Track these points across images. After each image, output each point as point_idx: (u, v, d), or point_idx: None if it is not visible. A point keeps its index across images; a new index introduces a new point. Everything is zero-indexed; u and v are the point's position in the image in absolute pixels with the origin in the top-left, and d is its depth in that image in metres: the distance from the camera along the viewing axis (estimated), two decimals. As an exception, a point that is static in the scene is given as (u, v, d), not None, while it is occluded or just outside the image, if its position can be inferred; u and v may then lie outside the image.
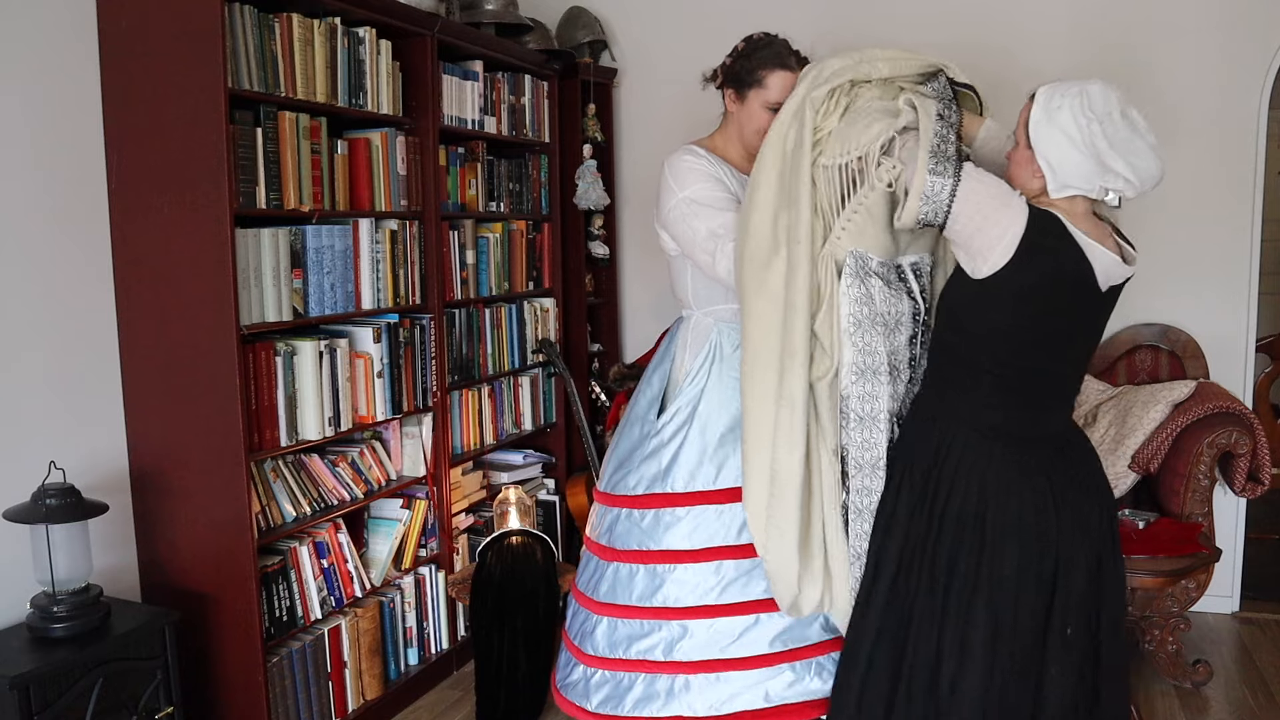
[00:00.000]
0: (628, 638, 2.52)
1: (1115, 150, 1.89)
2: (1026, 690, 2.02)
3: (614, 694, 2.53)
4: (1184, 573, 2.70)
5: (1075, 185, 1.95)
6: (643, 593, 2.52)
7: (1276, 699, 3.22)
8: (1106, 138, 1.90)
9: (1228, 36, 3.73)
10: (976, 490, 2.02)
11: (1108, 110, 1.91)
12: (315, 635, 2.91)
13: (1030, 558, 2.00)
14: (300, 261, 2.80)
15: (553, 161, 4.04)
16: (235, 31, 2.57)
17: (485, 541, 3.25)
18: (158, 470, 2.72)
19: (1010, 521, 1.99)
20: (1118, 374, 3.91)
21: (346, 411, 2.95)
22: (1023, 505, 2.00)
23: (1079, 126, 1.91)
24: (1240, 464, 3.28)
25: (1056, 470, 2.04)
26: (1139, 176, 1.92)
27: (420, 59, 3.23)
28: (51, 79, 2.54)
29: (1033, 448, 2.04)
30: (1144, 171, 1.92)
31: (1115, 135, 1.90)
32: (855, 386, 2.24)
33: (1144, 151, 1.91)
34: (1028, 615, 2.01)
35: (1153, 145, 1.94)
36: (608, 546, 2.63)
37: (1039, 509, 2.00)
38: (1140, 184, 1.93)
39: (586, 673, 2.58)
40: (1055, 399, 2.08)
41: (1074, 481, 2.05)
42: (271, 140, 2.68)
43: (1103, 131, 1.90)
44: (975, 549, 2.01)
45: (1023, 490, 2.00)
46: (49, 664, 2.21)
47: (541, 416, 4.04)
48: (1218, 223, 3.81)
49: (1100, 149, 1.90)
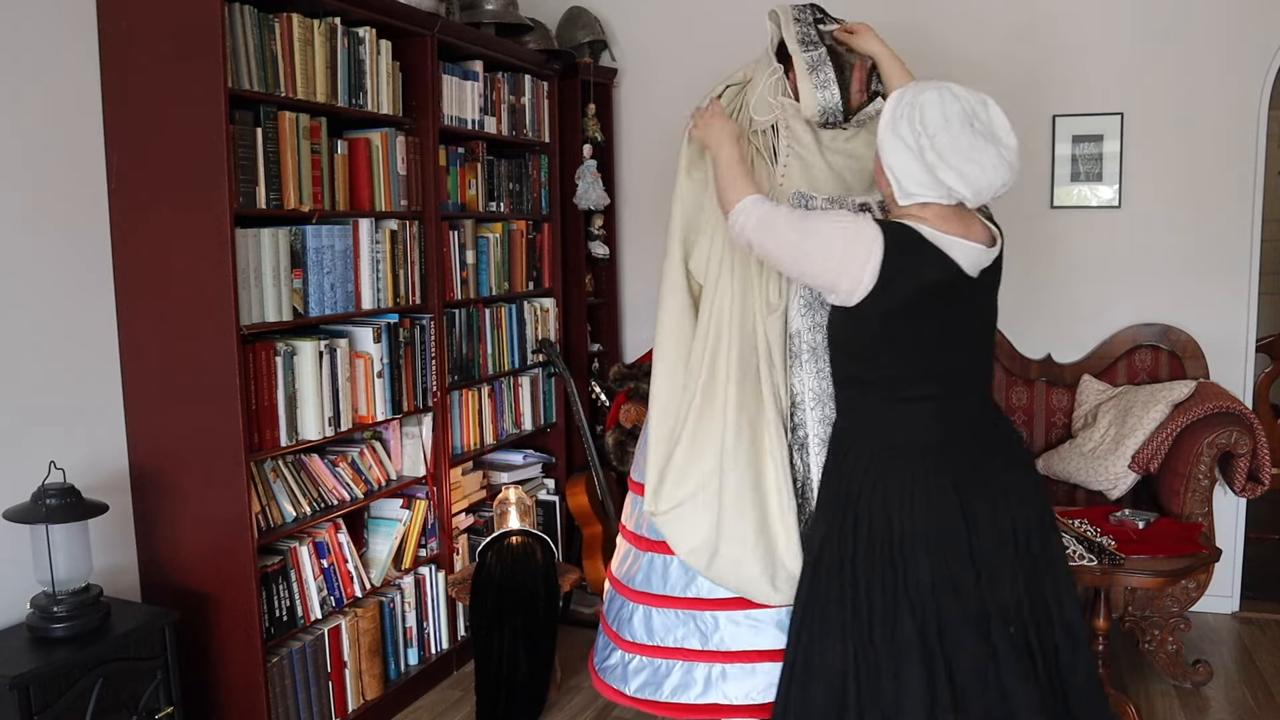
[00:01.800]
0: (664, 626, 2.52)
1: (945, 163, 1.87)
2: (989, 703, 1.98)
3: (652, 679, 2.53)
4: (1184, 573, 2.70)
5: (918, 194, 1.93)
6: (676, 583, 2.54)
7: (1276, 699, 3.22)
8: (936, 150, 1.87)
9: (1228, 36, 3.73)
10: (880, 504, 2.01)
11: (943, 121, 1.87)
12: (315, 635, 2.91)
13: (945, 566, 1.97)
14: (300, 261, 2.80)
15: (553, 161, 4.04)
16: (235, 31, 2.57)
17: (485, 541, 3.25)
18: (158, 470, 2.72)
19: (918, 531, 1.97)
20: (1118, 374, 3.91)
21: (346, 411, 2.95)
22: (928, 515, 1.98)
23: (915, 136, 1.89)
24: (1240, 464, 3.28)
25: (964, 475, 2.01)
26: (972, 188, 1.89)
27: (420, 59, 3.23)
28: (51, 79, 2.54)
29: (937, 455, 2.01)
30: (979, 182, 1.88)
31: (950, 147, 1.87)
32: (804, 319, 2.27)
33: (988, 160, 1.87)
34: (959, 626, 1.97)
35: (1004, 154, 1.89)
36: (643, 537, 2.63)
37: (945, 519, 1.98)
38: (975, 195, 1.90)
39: (624, 658, 2.58)
40: (955, 396, 2.05)
41: (986, 485, 2.02)
42: (271, 140, 2.68)
43: (932, 144, 1.88)
44: (889, 563, 2.00)
45: (928, 495, 1.98)
46: (49, 664, 2.21)
47: (541, 416, 4.04)
48: (1218, 223, 3.81)
49: (931, 162, 1.88)
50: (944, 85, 1.93)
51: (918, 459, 2.01)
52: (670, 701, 2.50)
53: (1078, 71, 3.89)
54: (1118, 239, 3.93)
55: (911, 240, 1.93)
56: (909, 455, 2.02)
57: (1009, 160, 1.91)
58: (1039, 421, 3.95)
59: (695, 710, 2.50)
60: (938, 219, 1.96)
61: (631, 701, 2.55)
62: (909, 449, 2.02)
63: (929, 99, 1.90)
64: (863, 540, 2.02)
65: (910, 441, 2.03)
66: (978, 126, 1.89)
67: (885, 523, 2.00)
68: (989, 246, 2.00)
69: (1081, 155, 3.93)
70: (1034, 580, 2.05)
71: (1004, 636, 1.99)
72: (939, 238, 1.93)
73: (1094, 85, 3.88)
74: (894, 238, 1.92)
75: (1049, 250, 4.00)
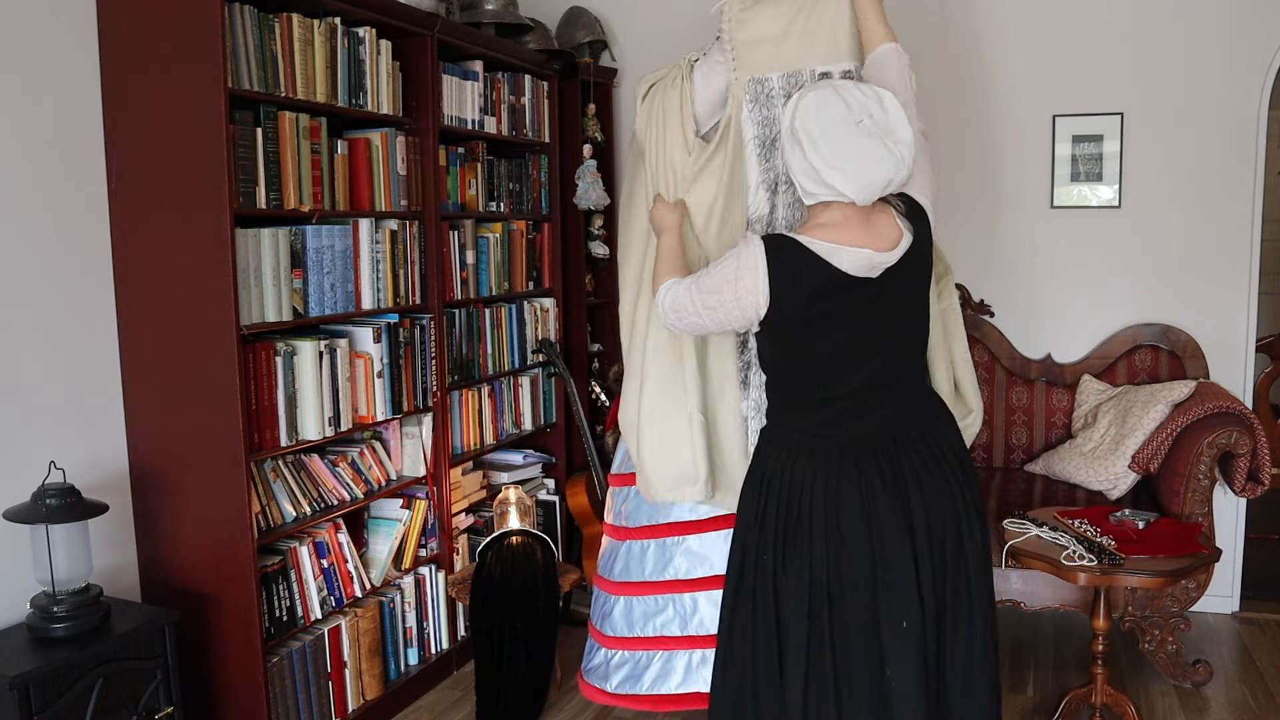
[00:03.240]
0: (644, 615, 2.56)
1: (828, 164, 1.90)
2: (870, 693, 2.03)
3: (633, 673, 2.57)
4: (1184, 573, 2.69)
5: (815, 193, 1.96)
6: (654, 568, 2.56)
7: (1276, 699, 3.22)
8: (819, 152, 1.91)
9: (1228, 36, 3.73)
10: (785, 492, 2.07)
11: (821, 124, 1.91)
12: (315, 635, 2.91)
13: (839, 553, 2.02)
14: (300, 261, 2.80)
15: (553, 161, 4.04)
16: (235, 31, 2.57)
17: (485, 541, 3.25)
18: (158, 470, 2.72)
19: (816, 513, 2.03)
20: (1118, 374, 3.91)
21: (346, 411, 2.95)
22: (826, 504, 2.02)
23: (799, 141, 1.93)
24: (1240, 464, 3.28)
25: (872, 470, 2.04)
26: (855, 186, 1.90)
27: (420, 59, 3.23)
28: (51, 79, 2.54)
29: (842, 447, 2.06)
30: (860, 180, 1.90)
31: (830, 148, 1.90)
32: (766, 203, 2.32)
33: (869, 160, 1.89)
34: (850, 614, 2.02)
35: (892, 150, 1.90)
36: (620, 526, 2.66)
37: (845, 508, 2.02)
38: (860, 192, 1.91)
39: (607, 655, 2.62)
40: (869, 395, 2.07)
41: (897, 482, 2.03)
42: (271, 140, 2.68)
43: (815, 147, 1.91)
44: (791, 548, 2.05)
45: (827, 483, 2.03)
46: (49, 664, 2.21)
47: (541, 416, 4.04)
48: (1218, 223, 3.81)
49: (816, 164, 1.92)
50: (832, 86, 1.96)
51: (825, 452, 2.06)
52: (650, 694, 2.54)
53: (1078, 71, 3.89)
54: (1118, 239, 3.93)
55: (791, 252, 1.97)
56: (818, 450, 2.07)
57: (898, 155, 1.91)
58: (1039, 421, 3.95)
59: (675, 700, 2.53)
60: (837, 222, 1.98)
61: (613, 699, 2.59)
62: (820, 445, 2.07)
63: (809, 103, 1.94)
64: (769, 528, 2.09)
65: (822, 437, 2.08)
66: (866, 124, 1.90)
67: (788, 509, 2.06)
68: (890, 249, 1.99)
69: (1081, 155, 3.93)
70: (942, 581, 2.06)
71: (895, 630, 2.02)
72: (819, 245, 1.96)
73: (1094, 85, 3.88)
74: (775, 254, 1.97)
75: (1049, 250, 4.00)
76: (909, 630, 2.01)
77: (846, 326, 2.01)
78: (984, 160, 4.03)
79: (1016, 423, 3.98)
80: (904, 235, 2.02)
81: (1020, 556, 2.79)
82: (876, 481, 2.03)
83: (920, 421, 2.13)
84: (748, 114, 2.36)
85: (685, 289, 2.11)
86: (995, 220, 4.06)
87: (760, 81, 2.36)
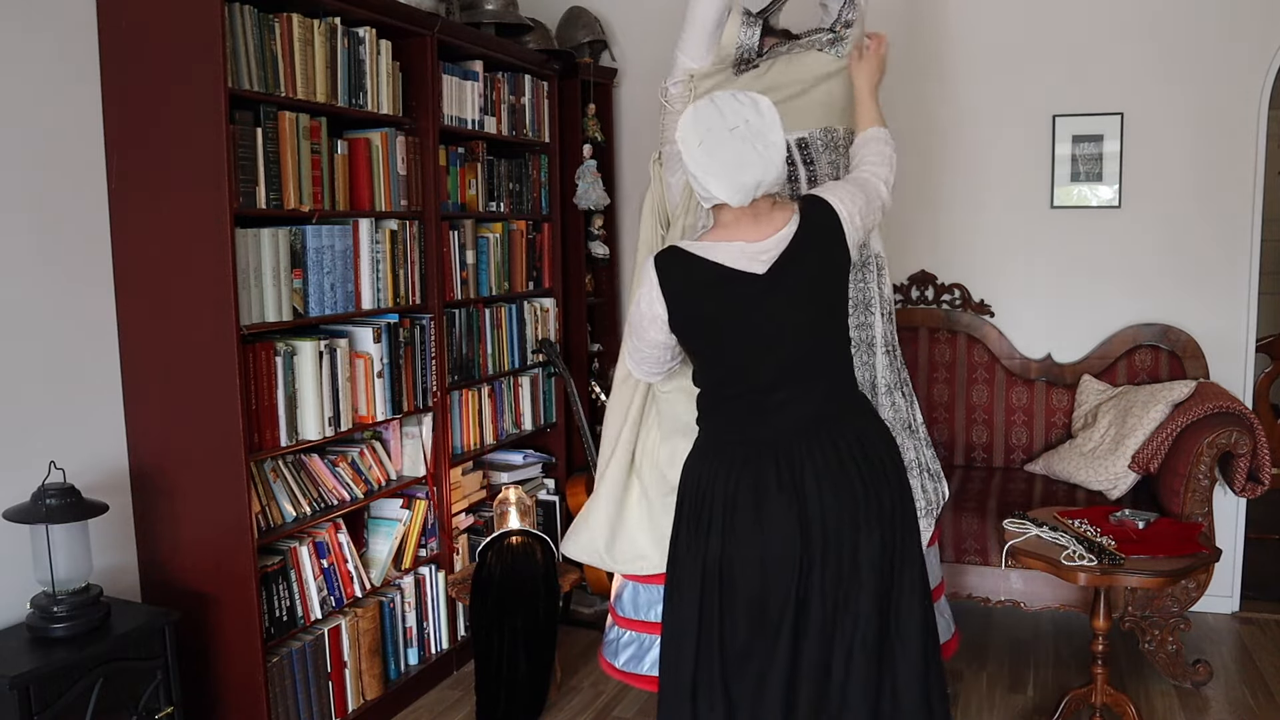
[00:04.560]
0: (648, 602, 2.64)
1: (705, 171, 2.01)
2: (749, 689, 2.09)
3: (637, 654, 2.67)
4: (1184, 573, 2.69)
5: (704, 197, 2.07)
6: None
7: (1276, 699, 3.22)
8: (696, 162, 2.01)
9: (1228, 36, 3.73)
10: (694, 485, 2.15)
11: (697, 134, 2.01)
12: (315, 635, 2.91)
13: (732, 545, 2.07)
14: (300, 261, 2.80)
15: (553, 161, 4.04)
16: (235, 31, 2.57)
17: (485, 541, 3.25)
18: (158, 470, 2.72)
19: (716, 509, 2.09)
20: (1118, 374, 3.91)
21: (346, 411, 2.95)
22: (724, 492, 2.08)
23: (681, 150, 2.04)
24: (1240, 464, 3.28)
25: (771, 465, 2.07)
26: (727, 190, 2.00)
27: (420, 59, 3.23)
28: (51, 79, 2.54)
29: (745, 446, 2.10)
30: (734, 183, 1.99)
31: (704, 156, 2.00)
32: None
33: (741, 164, 1.98)
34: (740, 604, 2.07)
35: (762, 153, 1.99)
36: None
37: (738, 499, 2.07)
38: (734, 194, 2.01)
39: (618, 632, 2.72)
40: (774, 391, 2.09)
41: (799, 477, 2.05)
42: (271, 140, 2.68)
43: (692, 158, 2.02)
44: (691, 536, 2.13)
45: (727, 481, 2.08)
46: (49, 664, 2.21)
47: (541, 416, 4.04)
48: (1218, 223, 3.81)
49: (694, 172, 2.03)
50: (711, 97, 2.05)
51: (731, 448, 2.12)
52: (650, 675, 2.61)
53: (1078, 71, 3.89)
54: (1118, 239, 3.93)
55: (675, 258, 2.10)
56: (723, 447, 2.14)
57: (767, 157, 2.00)
58: (1039, 421, 3.95)
59: None
60: (728, 223, 2.09)
61: (619, 674, 2.70)
62: (726, 442, 2.14)
63: (687, 116, 2.05)
64: (682, 520, 2.18)
65: (730, 432, 2.14)
66: (740, 130, 2.00)
67: (695, 502, 2.14)
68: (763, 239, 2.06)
69: (1081, 155, 3.93)
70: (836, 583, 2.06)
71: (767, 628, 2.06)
72: (697, 246, 2.09)
73: (1094, 85, 3.88)
74: (662, 265, 2.10)
75: (1049, 250, 4.00)
76: (780, 629, 2.05)
77: (740, 323, 2.07)
78: (984, 160, 4.03)
79: (1016, 423, 3.98)
80: (786, 226, 2.07)
81: (1020, 556, 2.79)
82: (771, 480, 2.06)
83: (834, 415, 2.12)
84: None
85: (628, 342, 2.29)
86: (995, 220, 4.06)
87: None
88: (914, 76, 3.99)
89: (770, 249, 2.05)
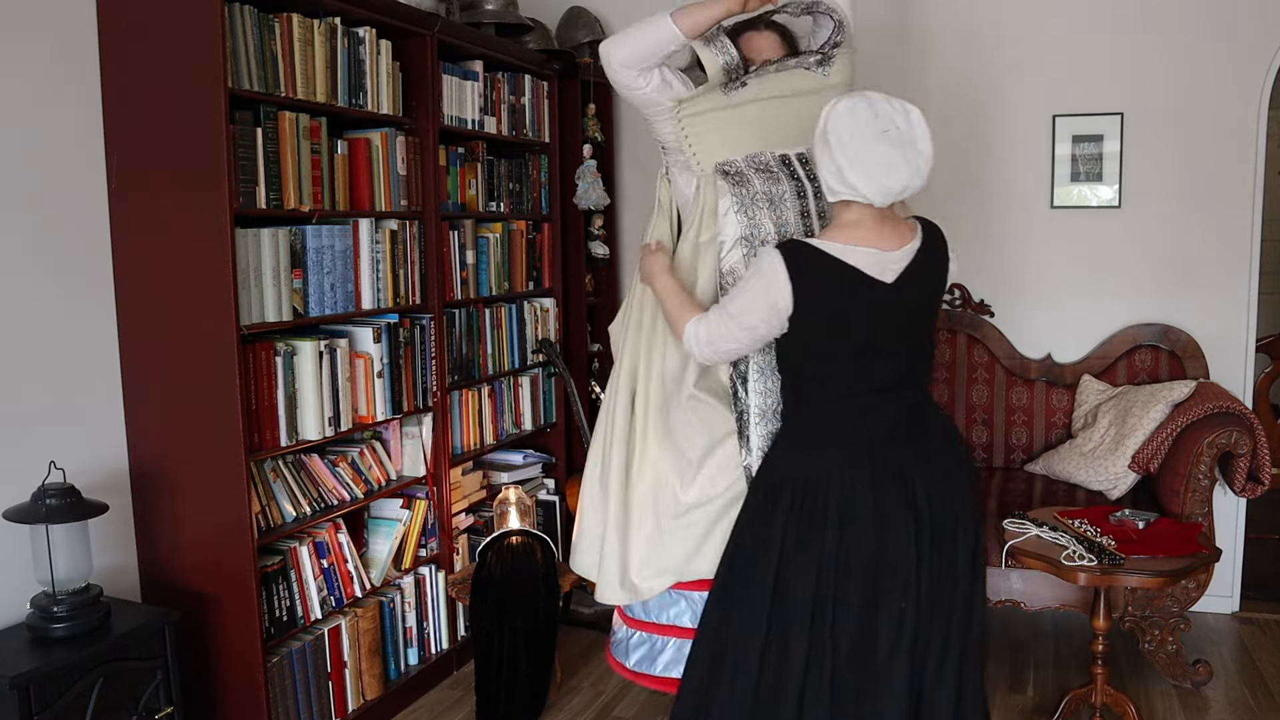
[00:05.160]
0: (659, 605, 2.63)
1: (851, 165, 2.05)
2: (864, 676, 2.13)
3: (649, 655, 2.66)
4: (1184, 573, 2.69)
5: (839, 192, 2.10)
6: None
7: (1276, 699, 3.22)
8: (845, 154, 2.05)
9: (1228, 36, 3.73)
10: (801, 484, 2.17)
11: (851, 128, 2.06)
12: (315, 635, 2.91)
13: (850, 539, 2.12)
14: (300, 261, 2.80)
15: (553, 161, 4.04)
16: (235, 31, 2.57)
17: (485, 541, 3.25)
18: (158, 470, 2.72)
19: (831, 506, 2.13)
20: (1118, 374, 3.91)
21: (346, 411, 2.95)
22: (840, 490, 2.13)
23: (829, 141, 2.08)
24: (1240, 464, 3.28)
25: (884, 464, 2.15)
26: (872, 189, 2.05)
27: (420, 59, 3.23)
28: (51, 79, 2.54)
29: (853, 444, 2.17)
30: (878, 183, 2.04)
31: (855, 151, 2.04)
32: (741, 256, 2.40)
33: (889, 164, 2.04)
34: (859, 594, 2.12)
35: (908, 158, 2.05)
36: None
37: (856, 494, 2.13)
38: (878, 194, 2.06)
39: (628, 633, 2.70)
40: (881, 393, 2.19)
41: (906, 474, 2.15)
42: (271, 140, 2.68)
43: (842, 149, 2.06)
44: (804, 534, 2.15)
45: (843, 478, 2.13)
46: (49, 664, 2.21)
47: (541, 416, 4.04)
48: (1218, 223, 3.81)
49: (841, 165, 2.06)
50: (866, 95, 2.10)
51: (839, 447, 2.18)
52: (663, 676, 2.60)
53: (1078, 71, 3.89)
54: (1118, 239, 3.93)
55: (807, 254, 2.12)
56: (833, 444, 2.19)
57: (916, 165, 2.06)
58: (1039, 421, 3.95)
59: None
60: (854, 222, 2.13)
61: (631, 675, 2.67)
62: (834, 439, 2.19)
63: (841, 109, 2.08)
64: (779, 518, 2.18)
65: (836, 432, 2.20)
66: (891, 134, 2.05)
67: (803, 500, 2.16)
68: (895, 249, 2.13)
69: (1081, 155, 3.93)
70: (944, 567, 2.17)
71: (890, 615, 2.12)
72: (832, 246, 2.11)
73: (1094, 85, 3.88)
74: (794, 260, 2.11)
75: (1049, 250, 4.00)
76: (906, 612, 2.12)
77: (863, 326, 2.14)
78: (984, 160, 4.03)
79: (1016, 423, 3.98)
80: (912, 240, 2.16)
81: (1020, 556, 2.79)
82: (886, 477, 2.14)
83: (924, 417, 2.25)
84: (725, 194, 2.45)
85: (716, 320, 2.22)
86: (995, 220, 4.05)
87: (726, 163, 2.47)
88: (913, 76, 3.99)
89: (899, 261, 2.13)
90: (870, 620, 2.13)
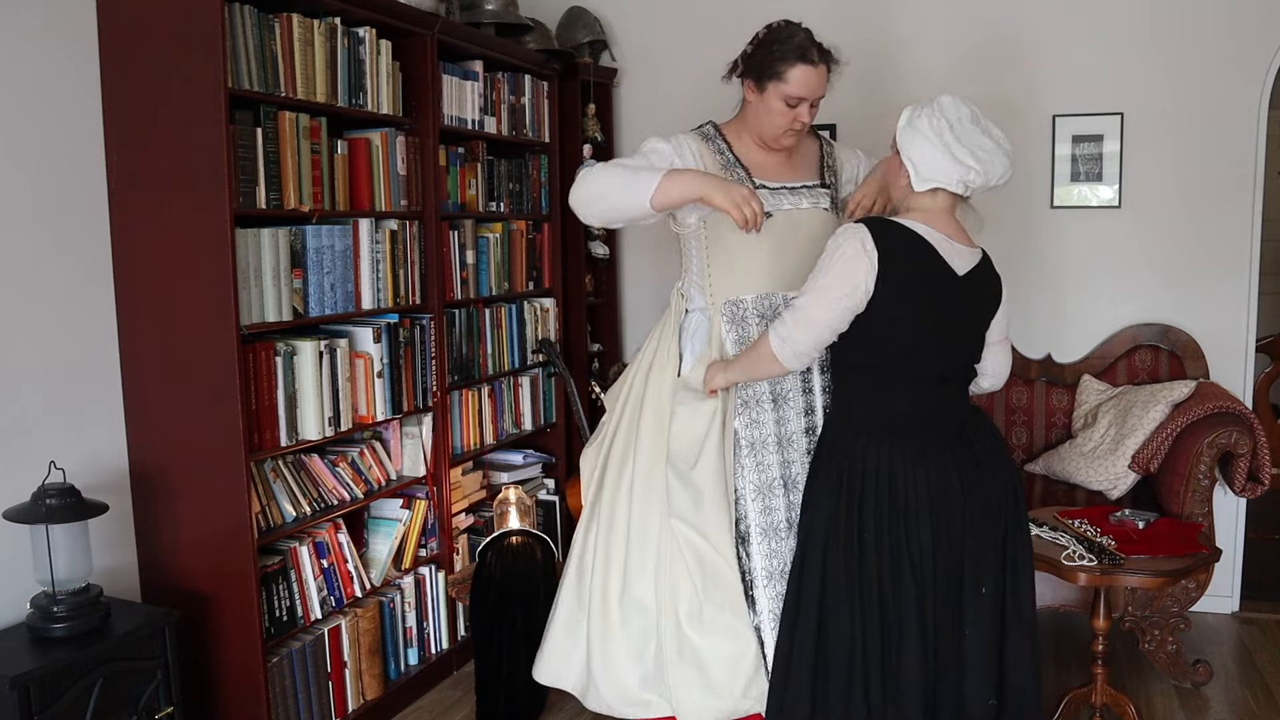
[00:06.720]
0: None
1: (963, 145, 2.17)
2: (952, 652, 2.22)
3: None
4: (1184, 573, 2.69)
5: (934, 179, 2.19)
6: None
7: (1276, 699, 3.22)
8: (955, 135, 2.18)
9: (1228, 36, 3.73)
10: (886, 474, 2.20)
11: (957, 116, 2.20)
12: (315, 635, 2.91)
13: (941, 525, 2.19)
14: (300, 261, 2.80)
15: (553, 161, 4.04)
16: (235, 31, 2.57)
17: (485, 541, 3.25)
18: (158, 470, 2.72)
19: (920, 495, 2.18)
20: (1118, 374, 3.91)
21: (346, 411, 2.95)
22: (929, 479, 2.19)
23: (933, 128, 2.18)
24: (1240, 464, 3.28)
25: (956, 449, 2.24)
26: (984, 166, 2.18)
27: (420, 59, 3.23)
28: (51, 79, 2.54)
29: (931, 431, 2.24)
30: (989, 163, 2.18)
31: (963, 135, 2.18)
32: (740, 418, 2.42)
33: (991, 149, 2.20)
34: (946, 581, 2.20)
35: (1003, 148, 2.22)
36: None
37: (944, 482, 2.20)
38: (986, 174, 2.19)
39: None
40: (944, 382, 2.28)
41: (971, 459, 2.24)
42: (271, 140, 2.68)
43: (951, 130, 2.18)
44: (893, 527, 2.20)
45: (927, 467, 2.20)
46: (49, 664, 2.21)
47: (541, 416, 4.04)
48: (1218, 223, 3.81)
49: (949, 143, 2.17)
50: (952, 96, 2.25)
51: (916, 435, 2.22)
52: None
53: (1078, 71, 3.89)
54: (1118, 239, 3.93)
55: (898, 235, 2.18)
56: (907, 431, 2.23)
57: (1010, 159, 2.23)
58: (1039, 421, 3.95)
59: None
60: (935, 212, 2.23)
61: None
62: (906, 426, 2.23)
63: (946, 99, 2.22)
64: (869, 512, 2.21)
65: (907, 420, 2.24)
66: (983, 125, 2.23)
67: (890, 492, 2.20)
68: (967, 246, 2.26)
69: (1081, 155, 3.93)
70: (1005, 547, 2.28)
71: (974, 596, 2.22)
72: (927, 232, 2.19)
73: (1094, 85, 3.88)
74: (883, 238, 2.16)
75: (1049, 250, 4.00)
76: (986, 595, 2.22)
77: (934, 312, 2.20)
78: (984, 160, 4.02)
79: (1016, 423, 3.98)
80: (975, 248, 2.29)
81: (1020, 556, 2.79)
82: (960, 461, 2.22)
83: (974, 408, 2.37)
84: (725, 332, 2.50)
85: (803, 310, 2.21)
86: (995, 220, 4.03)
87: (735, 303, 2.50)
88: (913, 76, 3.99)
89: (968, 258, 2.24)
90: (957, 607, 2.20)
